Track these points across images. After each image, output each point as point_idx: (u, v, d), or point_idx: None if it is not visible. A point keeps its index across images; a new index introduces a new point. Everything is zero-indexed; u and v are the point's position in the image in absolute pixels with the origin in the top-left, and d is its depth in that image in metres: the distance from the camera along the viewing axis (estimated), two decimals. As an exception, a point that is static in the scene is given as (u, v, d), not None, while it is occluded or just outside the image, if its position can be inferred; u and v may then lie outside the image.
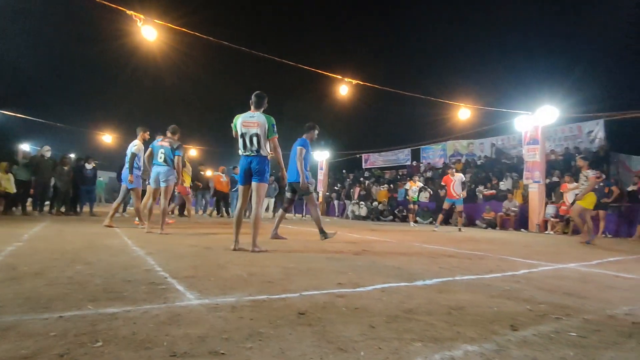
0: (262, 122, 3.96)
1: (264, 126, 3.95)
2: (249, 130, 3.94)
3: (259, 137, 3.94)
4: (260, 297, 2.01)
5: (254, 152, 3.96)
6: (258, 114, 4.02)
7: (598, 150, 12.65)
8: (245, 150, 3.99)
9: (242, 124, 3.97)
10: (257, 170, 3.97)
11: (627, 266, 3.96)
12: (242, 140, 3.98)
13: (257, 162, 3.96)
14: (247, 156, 4.00)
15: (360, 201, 16.71)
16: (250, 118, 3.98)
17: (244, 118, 4.00)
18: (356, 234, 7.12)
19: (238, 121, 4.01)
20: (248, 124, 3.96)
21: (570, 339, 1.56)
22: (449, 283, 2.64)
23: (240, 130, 3.97)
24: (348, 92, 10.93)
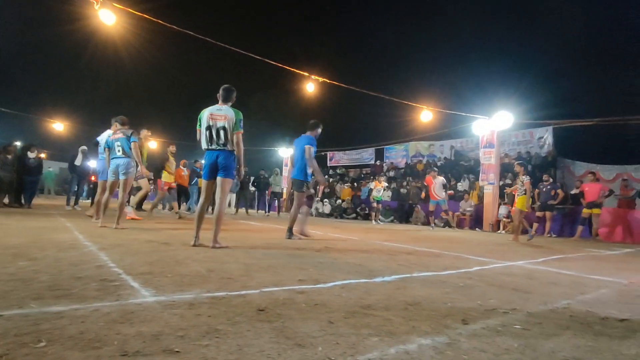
0: (230, 116, 3.88)
1: (231, 120, 3.87)
2: (216, 123, 3.85)
3: (227, 130, 3.86)
4: (219, 294, 1.98)
5: (221, 146, 3.88)
6: (226, 107, 3.94)
7: (547, 156, 13.53)
8: (212, 144, 3.89)
9: (208, 117, 3.87)
10: (223, 166, 3.88)
11: (568, 264, 4.27)
12: (208, 133, 3.88)
13: (224, 157, 3.88)
14: (213, 150, 3.90)
15: (324, 199, 16.82)
16: (218, 111, 3.89)
17: (211, 111, 3.90)
18: (319, 231, 7.16)
19: (204, 114, 3.90)
20: (215, 117, 3.87)
21: (515, 331, 1.66)
22: (407, 279, 2.72)
23: (207, 122, 3.87)
24: (315, 90, 10.96)
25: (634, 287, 3.00)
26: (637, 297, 2.62)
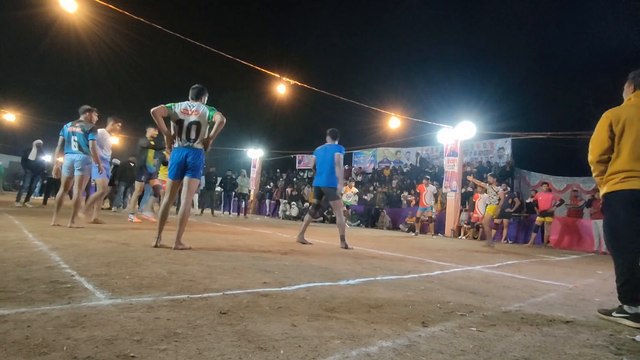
0: (203, 111, 3.81)
1: (204, 115, 3.80)
2: (187, 117, 3.76)
3: (199, 127, 3.78)
4: (180, 297, 1.92)
5: (191, 142, 3.79)
6: (198, 103, 3.88)
7: (505, 166, 14.22)
8: (181, 141, 3.78)
9: (181, 111, 3.76)
10: (192, 165, 3.78)
11: (522, 268, 4.51)
12: (178, 127, 3.76)
13: (194, 157, 3.78)
14: (182, 148, 3.78)
15: (291, 201, 16.77)
16: (190, 107, 3.82)
17: (183, 106, 3.80)
18: (286, 234, 7.13)
19: (177, 107, 3.77)
20: (187, 112, 3.78)
21: (471, 333, 1.73)
22: (371, 283, 2.77)
23: (178, 116, 3.75)
24: (286, 92, 10.94)
25: (578, 291, 3.21)
26: (580, 300, 2.81)
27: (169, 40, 20.14)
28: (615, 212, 2.35)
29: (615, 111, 2.39)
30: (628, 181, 2.27)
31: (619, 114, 2.36)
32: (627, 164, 2.28)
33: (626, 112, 2.35)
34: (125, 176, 10.93)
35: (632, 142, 2.27)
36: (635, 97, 2.42)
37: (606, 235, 2.47)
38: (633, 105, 2.39)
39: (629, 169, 2.27)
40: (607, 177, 2.39)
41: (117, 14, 7.56)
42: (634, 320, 2.16)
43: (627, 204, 2.28)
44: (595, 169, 2.49)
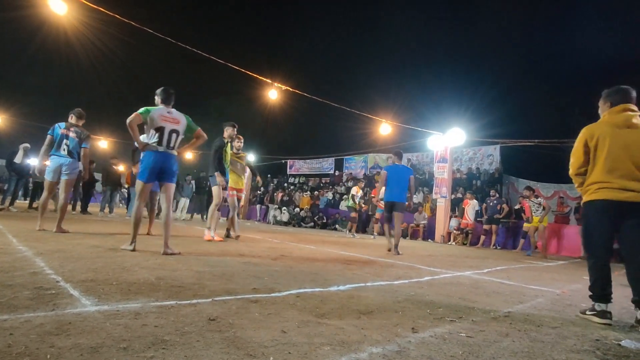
0: (183, 121, 3.95)
1: (183, 125, 3.94)
2: (167, 125, 3.81)
3: (178, 134, 3.90)
4: (168, 303, 1.89)
5: (170, 149, 3.88)
6: (175, 110, 3.96)
7: (494, 172, 14.39)
8: (162, 147, 3.80)
9: (160, 118, 3.78)
10: (171, 171, 3.89)
11: (510, 274, 4.55)
12: (158, 134, 3.79)
13: (172, 163, 3.90)
14: (161, 153, 3.80)
15: (282, 207, 16.72)
16: (168, 114, 3.87)
17: (160, 112, 3.82)
18: (276, 240, 7.10)
19: (154, 113, 3.77)
20: (167, 119, 3.82)
21: (460, 339, 1.74)
22: (361, 289, 2.77)
23: (158, 123, 3.77)
24: (277, 98, 10.94)
25: (565, 296, 3.25)
26: (567, 305, 2.84)
27: (160, 44, 19.98)
28: (589, 218, 2.58)
29: (590, 128, 2.59)
30: (600, 191, 2.48)
31: (593, 131, 2.56)
32: (600, 176, 2.50)
33: (599, 129, 2.55)
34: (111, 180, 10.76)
35: (604, 157, 2.48)
36: (609, 114, 2.60)
37: (582, 239, 2.69)
38: (606, 123, 2.57)
39: (601, 180, 2.49)
40: (585, 188, 2.60)
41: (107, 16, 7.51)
42: (601, 317, 2.32)
43: (598, 212, 2.50)
44: (575, 181, 2.72)
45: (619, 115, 2.53)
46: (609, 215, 2.46)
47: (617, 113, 2.54)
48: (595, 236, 2.51)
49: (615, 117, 2.54)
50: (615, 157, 2.44)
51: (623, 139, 2.45)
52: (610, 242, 2.49)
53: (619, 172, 2.42)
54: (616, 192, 2.41)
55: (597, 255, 2.49)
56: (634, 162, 2.41)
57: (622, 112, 2.53)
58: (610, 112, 2.58)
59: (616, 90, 2.61)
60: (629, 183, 2.39)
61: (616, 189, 2.41)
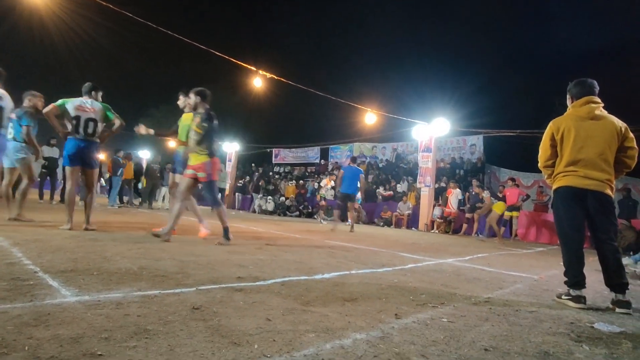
0: (98, 109, 4.27)
1: (99, 113, 4.28)
2: (83, 114, 4.16)
3: (96, 123, 4.22)
4: (151, 292, 1.87)
5: (89, 136, 4.20)
6: (92, 100, 4.28)
7: (477, 162, 14.63)
8: (78, 135, 4.17)
9: (76, 108, 4.14)
10: (90, 156, 4.27)
11: (491, 261, 4.67)
12: (75, 122, 4.14)
13: (91, 149, 4.26)
14: (79, 140, 4.17)
15: (267, 196, 16.66)
16: (84, 103, 4.20)
17: (76, 103, 4.18)
18: (261, 228, 7.09)
19: (70, 104, 4.14)
20: (82, 108, 4.17)
21: (442, 324, 1.78)
22: (345, 276, 2.79)
23: (74, 113, 4.13)
24: (262, 86, 10.81)
25: (542, 282, 3.36)
26: (544, 290, 2.94)
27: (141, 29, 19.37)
28: (559, 206, 2.67)
29: (556, 121, 2.68)
30: (565, 178, 2.60)
31: (559, 124, 2.66)
32: (566, 166, 2.60)
33: (565, 122, 2.64)
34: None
35: (569, 148, 2.58)
36: (573, 107, 2.70)
37: (556, 227, 2.75)
38: (570, 115, 2.67)
39: (567, 169, 2.60)
40: (554, 178, 2.71)
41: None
42: (575, 301, 2.43)
43: (564, 198, 2.61)
44: (544, 173, 2.83)
45: (582, 108, 2.62)
46: (575, 202, 2.56)
47: (581, 106, 2.63)
48: (565, 223, 2.60)
49: (579, 110, 2.63)
50: (579, 148, 2.54)
51: (586, 131, 2.54)
52: (580, 229, 2.58)
53: (584, 162, 2.53)
54: (580, 179, 2.52)
55: (569, 241, 2.59)
56: (596, 153, 2.51)
57: (585, 104, 2.62)
58: (574, 105, 2.68)
59: (579, 83, 2.69)
60: (592, 172, 2.51)
61: (581, 176, 2.52)
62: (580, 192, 2.53)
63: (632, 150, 2.55)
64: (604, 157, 2.51)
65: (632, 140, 2.55)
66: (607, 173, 2.52)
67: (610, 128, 2.52)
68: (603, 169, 2.51)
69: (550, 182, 2.78)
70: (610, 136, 2.51)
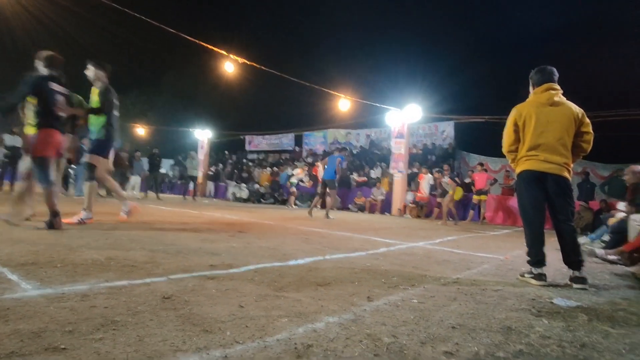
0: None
1: None
2: None
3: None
4: (120, 283, 1.82)
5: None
6: None
7: (447, 148, 14.98)
8: None
9: None
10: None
11: (460, 243, 4.84)
12: None
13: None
14: None
15: (241, 183, 16.47)
16: None
17: None
18: (235, 216, 7.02)
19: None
20: None
21: (412, 305, 1.83)
22: (319, 262, 2.82)
23: None
24: (234, 71, 10.55)
25: (508, 262, 3.51)
26: (510, 270, 3.08)
27: (106, 10, 18.30)
28: (521, 189, 2.79)
29: (518, 108, 2.78)
30: (527, 162, 2.71)
31: (521, 110, 2.75)
32: (527, 150, 2.70)
33: (526, 108, 2.74)
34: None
35: (531, 134, 2.68)
36: (534, 94, 2.80)
37: (519, 209, 2.88)
38: (531, 102, 2.78)
39: (528, 154, 2.70)
40: (517, 162, 2.82)
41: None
42: (537, 279, 2.57)
43: (527, 182, 2.72)
44: (508, 157, 2.93)
45: (542, 95, 2.72)
46: (536, 185, 2.68)
47: (541, 92, 2.74)
48: (528, 205, 2.72)
49: (539, 97, 2.74)
50: (539, 133, 2.65)
51: (546, 116, 2.65)
52: (541, 210, 2.71)
53: (544, 146, 2.64)
54: (541, 163, 2.64)
55: (531, 222, 2.72)
56: (556, 137, 2.63)
57: (545, 91, 2.72)
58: (535, 92, 2.79)
59: (539, 70, 2.80)
60: (551, 156, 2.63)
61: (541, 160, 2.64)
62: (541, 176, 2.65)
63: (588, 135, 2.68)
64: (562, 142, 2.63)
65: (589, 126, 2.68)
66: (565, 157, 2.64)
67: (568, 114, 2.64)
68: (561, 153, 2.63)
69: (513, 167, 2.89)
70: (568, 122, 2.63)
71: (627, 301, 2.23)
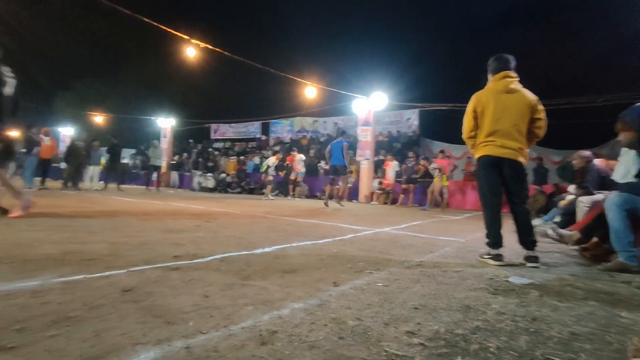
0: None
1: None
2: None
3: None
4: (76, 278, 1.74)
5: None
6: None
7: (412, 135, 15.32)
8: None
9: None
10: None
11: (423, 228, 5.00)
12: None
13: None
14: None
15: (207, 173, 16.09)
16: None
17: None
18: (200, 206, 6.86)
19: None
20: None
21: (377, 288, 1.88)
22: (286, 249, 2.82)
23: None
24: (198, 57, 10.19)
25: (468, 244, 3.67)
26: (470, 251, 3.22)
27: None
28: (480, 173, 2.90)
29: (477, 95, 2.88)
30: (485, 148, 2.82)
31: (480, 97, 2.86)
32: (486, 136, 2.81)
33: (484, 95, 2.85)
34: None
35: (488, 120, 2.79)
36: (492, 82, 2.91)
37: (478, 193, 3.00)
38: (489, 89, 2.88)
39: (486, 140, 2.81)
40: (476, 148, 2.93)
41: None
42: (495, 260, 2.71)
43: (485, 167, 2.84)
44: (468, 143, 3.04)
45: (499, 82, 2.84)
46: (494, 169, 2.80)
47: (498, 80, 2.85)
48: (486, 188, 2.84)
49: (497, 84, 2.85)
50: (496, 119, 2.76)
51: (503, 103, 2.77)
52: (498, 193, 2.84)
53: (500, 132, 2.75)
54: (498, 148, 2.76)
55: (489, 205, 2.84)
56: (512, 124, 2.75)
57: (502, 79, 2.83)
58: (493, 79, 2.89)
59: (497, 58, 2.91)
60: (507, 142, 2.75)
61: (498, 146, 2.76)
62: (498, 160, 2.77)
63: (541, 121, 2.82)
64: (517, 128, 2.75)
65: (542, 112, 2.82)
66: (520, 142, 2.77)
67: (523, 101, 2.76)
68: (517, 139, 2.76)
69: (473, 152, 3.00)
70: (523, 108, 2.75)
71: (573, 277, 2.40)
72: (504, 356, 1.15)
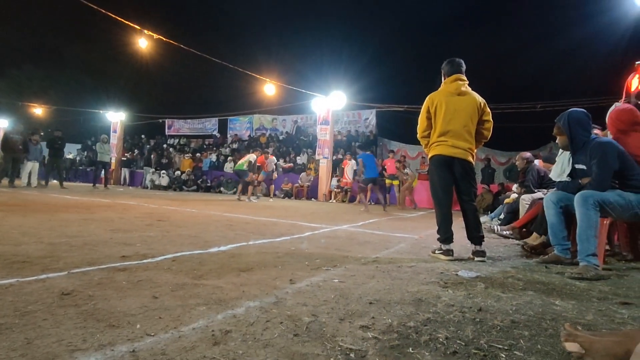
0: None
1: None
2: None
3: None
4: (5, 282, 1.59)
5: None
6: None
7: (369, 135, 15.63)
8: None
9: None
10: None
11: (380, 225, 5.11)
12: None
13: None
14: None
15: (161, 170, 15.43)
16: None
17: None
18: (153, 205, 6.56)
19: None
20: None
21: (334, 285, 1.89)
22: (243, 248, 2.76)
23: None
24: (152, 49, 9.73)
25: (422, 240, 3.80)
26: (423, 247, 3.34)
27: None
28: (433, 172, 3.02)
29: (432, 96, 2.99)
30: (437, 148, 2.95)
31: (434, 98, 2.97)
32: (438, 136, 2.94)
33: (438, 97, 2.97)
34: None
35: (441, 121, 2.92)
36: (444, 84, 3.04)
37: (430, 191, 3.12)
38: (442, 91, 3.01)
39: (438, 140, 2.93)
40: (429, 147, 3.04)
41: None
42: (445, 255, 2.83)
43: (437, 166, 2.96)
44: (422, 142, 3.15)
45: (451, 85, 2.97)
46: (445, 168, 2.92)
47: (450, 82, 2.99)
48: (438, 187, 2.96)
49: (449, 86, 2.98)
50: (448, 120, 2.89)
51: (454, 105, 2.90)
52: (450, 191, 2.96)
53: (452, 132, 2.89)
54: (449, 148, 2.88)
55: (441, 203, 2.96)
56: (462, 125, 2.89)
57: (454, 81, 2.97)
58: (446, 82, 3.03)
59: (449, 62, 3.06)
60: (458, 142, 2.88)
61: (449, 146, 2.88)
62: (449, 160, 2.89)
63: (488, 123, 2.99)
64: (467, 129, 2.89)
65: (489, 114, 2.98)
66: (470, 143, 2.91)
67: (472, 103, 2.90)
68: (466, 139, 2.90)
69: (426, 151, 3.10)
70: (472, 110, 2.90)
71: (515, 269, 2.55)
72: (452, 345, 1.19)
